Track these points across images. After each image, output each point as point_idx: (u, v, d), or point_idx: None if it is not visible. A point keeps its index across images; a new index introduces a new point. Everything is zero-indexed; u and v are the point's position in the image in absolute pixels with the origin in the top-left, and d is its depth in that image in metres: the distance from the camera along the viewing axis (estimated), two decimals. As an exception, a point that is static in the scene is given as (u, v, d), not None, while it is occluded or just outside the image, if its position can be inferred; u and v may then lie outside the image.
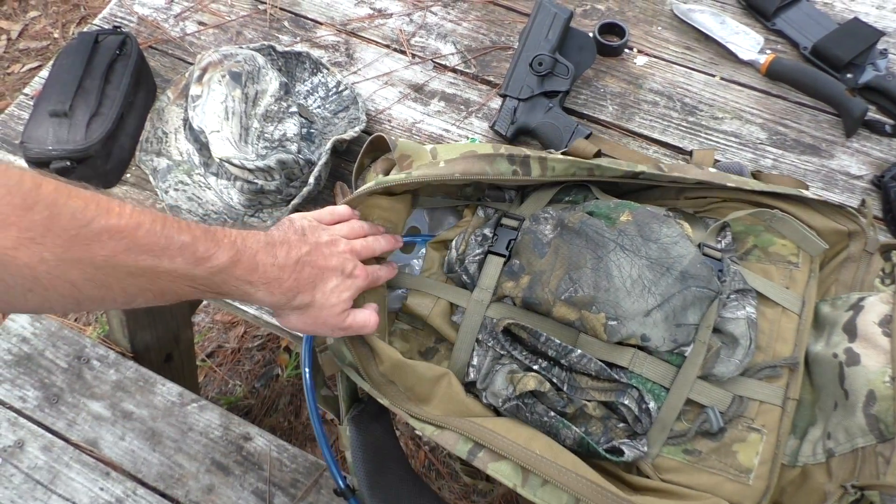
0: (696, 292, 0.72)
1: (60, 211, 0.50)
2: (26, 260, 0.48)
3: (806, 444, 0.74)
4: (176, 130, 1.03)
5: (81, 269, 0.51)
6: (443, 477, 1.50)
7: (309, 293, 0.67)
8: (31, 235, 0.48)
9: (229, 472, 1.03)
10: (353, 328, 0.70)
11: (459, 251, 0.80)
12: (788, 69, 1.08)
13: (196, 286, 0.59)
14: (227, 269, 0.60)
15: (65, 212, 0.50)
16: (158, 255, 0.55)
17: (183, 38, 1.18)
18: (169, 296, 0.58)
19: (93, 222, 0.51)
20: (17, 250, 0.47)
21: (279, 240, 0.66)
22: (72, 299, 0.52)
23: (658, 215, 0.77)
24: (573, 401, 0.72)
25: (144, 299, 0.56)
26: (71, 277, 0.51)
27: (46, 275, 0.49)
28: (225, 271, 0.60)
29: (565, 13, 1.04)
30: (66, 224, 0.50)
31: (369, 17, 1.20)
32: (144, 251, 0.54)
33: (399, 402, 0.72)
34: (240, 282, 0.62)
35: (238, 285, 0.62)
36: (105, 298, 0.54)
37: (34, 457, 1.02)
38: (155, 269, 0.55)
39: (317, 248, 0.68)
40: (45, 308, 0.52)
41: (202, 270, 0.58)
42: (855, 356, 0.73)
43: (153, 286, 0.56)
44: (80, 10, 2.36)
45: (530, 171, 0.77)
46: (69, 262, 0.50)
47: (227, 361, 1.71)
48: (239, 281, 0.61)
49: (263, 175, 0.92)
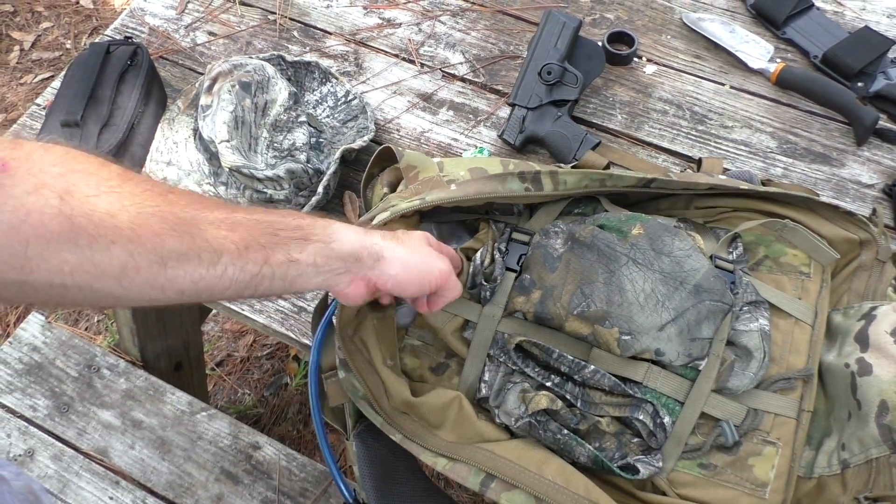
0: (710, 306, 0.72)
1: (129, 172, 0.51)
2: (107, 206, 0.48)
3: (821, 456, 0.73)
4: (186, 140, 1.03)
5: (161, 216, 0.50)
6: (452, 486, 1.50)
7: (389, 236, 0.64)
8: (110, 184, 0.49)
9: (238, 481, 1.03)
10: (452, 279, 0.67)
11: (485, 265, 0.79)
12: (799, 78, 1.08)
13: (276, 231, 0.56)
14: (294, 213, 0.59)
15: (132, 173, 0.52)
16: (230, 207, 0.55)
17: (193, 48, 1.18)
18: (254, 251, 0.54)
19: (161, 183, 0.53)
20: (99, 198, 0.48)
21: None
22: (156, 255, 0.49)
23: (669, 228, 0.76)
24: (586, 417, 0.71)
25: (230, 257, 0.53)
26: (152, 225, 0.49)
27: (128, 223, 0.48)
28: (293, 213, 0.59)
29: (574, 22, 1.04)
30: (138, 180, 0.51)
31: (378, 26, 1.20)
32: (215, 206, 0.54)
33: (411, 433, 0.71)
34: (314, 216, 0.60)
35: (314, 218, 0.59)
36: (189, 253, 0.51)
37: (44, 466, 1.03)
38: (231, 217, 0.54)
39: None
40: (129, 269, 0.49)
41: (274, 215, 0.57)
42: (867, 366, 0.72)
43: (234, 235, 0.53)
44: (92, 21, 2.38)
45: (542, 188, 0.77)
46: (149, 210, 0.50)
47: (236, 370, 1.71)
48: (313, 215, 0.60)
49: (273, 184, 0.92)
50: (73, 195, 0.47)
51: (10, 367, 1.11)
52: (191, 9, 1.23)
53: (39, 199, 0.45)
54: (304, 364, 1.72)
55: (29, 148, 0.47)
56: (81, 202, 0.47)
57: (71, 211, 0.46)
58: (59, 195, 0.46)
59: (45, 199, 0.46)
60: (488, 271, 0.79)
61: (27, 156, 0.47)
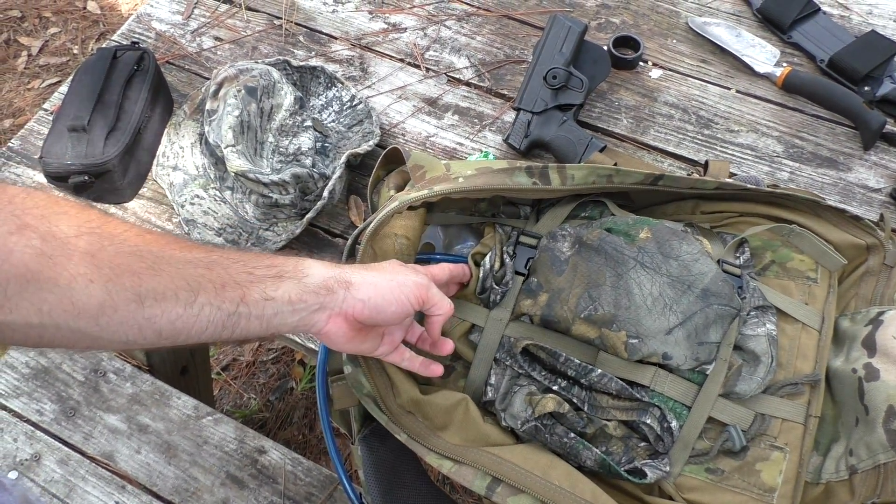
0: (718, 310, 0.72)
1: (110, 217, 0.54)
2: (87, 247, 0.49)
3: (829, 461, 0.73)
4: (192, 145, 1.04)
5: (140, 255, 0.51)
6: (457, 491, 1.49)
7: (359, 267, 0.65)
8: (91, 225, 0.50)
9: (244, 486, 1.03)
10: (433, 292, 0.67)
11: (495, 269, 0.79)
12: (805, 82, 1.07)
13: (251, 270, 0.57)
14: (268, 254, 0.61)
15: (113, 219, 0.54)
16: (206, 248, 0.56)
17: (199, 53, 1.19)
18: (230, 289, 0.55)
19: (139, 226, 0.55)
20: (79, 238, 0.49)
21: None
22: (133, 294, 0.51)
23: (677, 231, 0.76)
24: (593, 421, 0.71)
25: (207, 297, 0.54)
26: (131, 265, 0.51)
27: (108, 262, 0.50)
28: (266, 254, 0.60)
29: (579, 26, 1.04)
30: (117, 223, 0.53)
31: (383, 31, 1.20)
32: (192, 245, 0.56)
33: (416, 434, 0.71)
34: (285, 255, 0.61)
35: (287, 257, 0.60)
36: (167, 292, 0.52)
37: (51, 470, 1.03)
38: (208, 257, 0.55)
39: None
40: (108, 306, 0.50)
41: (248, 256, 0.58)
42: (874, 371, 0.72)
43: (211, 273, 0.54)
44: (99, 27, 2.39)
45: (550, 182, 0.77)
46: (128, 250, 0.51)
47: (241, 374, 1.72)
48: (284, 255, 0.61)
49: (278, 189, 0.93)
50: (54, 236, 0.48)
51: (16, 371, 1.11)
52: (197, 14, 1.24)
53: (21, 240, 0.47)
54: (310, 368, 1.72)
55: (11, 191, 0.49)
56: (62, 243, 0.48)
57: (52, 251, 0.48)
58: (40, 236, 0.47)
59: (27, 240, 0.47)
60: (499, 275, 0.78)
61: (10, 199, 0.48)
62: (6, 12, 2.42)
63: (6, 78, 2.27)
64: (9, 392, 1.09)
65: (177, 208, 0.99)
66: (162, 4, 1.25)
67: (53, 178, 0.99)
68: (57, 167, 0.97)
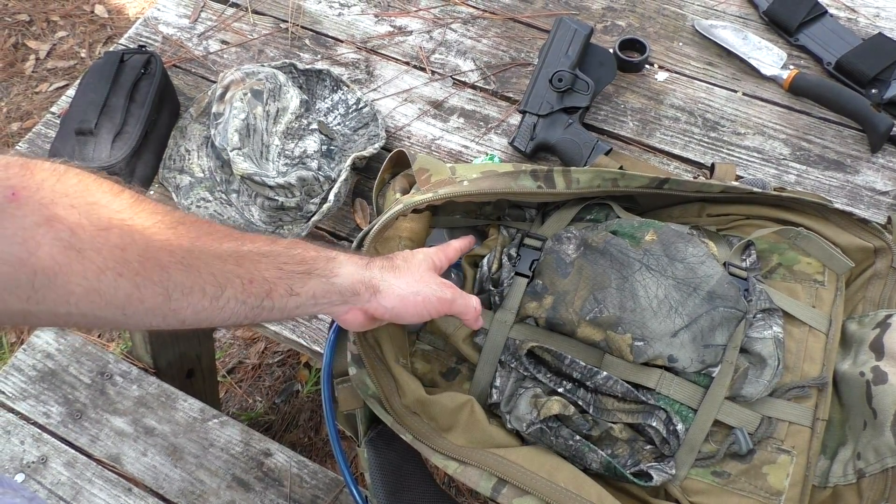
0: (724, 312, 0.71)
1: (143, 201, 0.51)
2: (117, 241, 0.48)
3: (837, 465, 0.73)
4: (198, 148, 1.04)
5: (170, 250, 0.51)
6: (462, 494, 1.49)
7: (381, 258, 0.66)
8: (121, 217, 0.49)
9: (250, 489, 1.03)
10: (456, 288, 0.68)
11: (492, 270, 0.79)
12: (812, 84, 1.07)
13: (280, 265, 0.57)
14: (301, 242, 0.60)
15: (146, 202, 0.52)
16: (238, 238, 0.56)
17: (206, 56, 1.19)
18: (257, 284, 0.55)
19: (172, 212, 0.53)
20: (109, 231, 0.48)
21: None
22: (161, 288, 0.50)
23: (683, 234, 0.76)
24: (598, 423, 0.71)
25: (233, 290, 0.54)
26: (160, 259, 0.50)
27: (137, 256, 0.49)
28: (300, 244, 0.60)
29: (585, 29, 1.04)
30: (150, 209, 0.51)
31: (389, 34, 1.20)
32: (224, 236, 0.55)
33: (422, 435, 0.71)
34: (318, 249, 0.61)
35: (319, 252, 0.61)
36: (194, 286, 0.52)
37: (57, 472, 1.03)
38: (238, 250, 0.55)
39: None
40: (134, 298, 0.49)
41: (281, 247, 0.58)
42: (882, 374, 0.72)
43: (240, 269, 0.54)
44: (106, 30, 2.40)
45: (555, 185, 0.77)
46: (157, 244, 0.50)
47: (247, 377, 1.72)
48: (317, 249, 0.61)
49: (284, 192, 0.93)
50: (84, 228, 0.47)
51: (23, 373, 1.11)
52: (203, 18, 1.24)
53: (49, 232, 0.45)
54: (316, 371, 1.72)
55: (41, 175, 0.47)
56: (92, 236, 0.47)
57: (81, 245, 0.47)
58: (69, 228, 0.46)
59: (56, 233, 0.46)
60: (496, 277, 0.79)
61: (38, 184, 0.46)
62: (14, 16, 2.43)
63: (14, 81, 2.29)
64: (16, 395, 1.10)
65: (183, 211, 1.00)
66: (169, 8, 1.26)
67: (60, 181, 0.99)
68: (64, 170, 0.97)
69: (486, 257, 0.81)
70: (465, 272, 0.82)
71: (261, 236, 0.58)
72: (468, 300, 0.69)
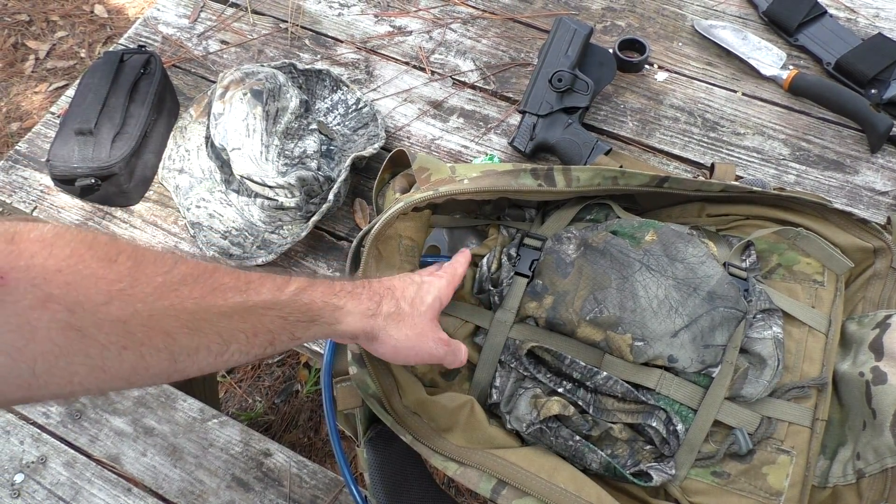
0: (724, 313, 0.72)
1: (142, 260, 0.49)
2: (119, 313, 0.46)
3: (836, 465, 0.73)
4: (198, 148, 1.04)
5: (174, 315, 0.49)
6: (462, 494, 1.49)
7: (391, 300, 0.66)
8: (120, 287, 0.46)
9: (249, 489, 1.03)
10: (452, 343, 0.69)
11: (492, 270, 0.79)
12: (812, 85, 1.07)
13: (285, 315, 0.57)
14: (308, 288, 0.60)
15: (146, 261, 0.49)
16: (244, 290, 0.54)
17: (206, 56, 1.19)
18: (261, 336, 0.56)
19: (174, 269, 0.50)
20: (110, 304, 0.45)
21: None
22: (167, 354, 0.49)
23: (683, 234, 0.76)
24: (598, 423, 0.71)
25: (237, 345, 0.54)
26: (165, 326, 0.48)
27: (140, 327, 0.47)
28: (307, 290, 0.59)
29: (585, 29, 1.03)
30: (150, 271, 0.48)
31: (389, 34, 1.20)
32: (230, 289, 0.53)
33: (421, 436, 0.71)
34: (325, 296, 0.61)
35: (325, 300, 0.60)
36: (199, 347, 0.51)
37: (57, 473, 1.03)
38: (244, 305, 0.54)
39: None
40: (140, 368, 0.48)
41: (287, 295, 0.58)
42: (882, 375, 0.72)
43: (244, 324, 0.54)
44: (106, 30, 2.40)
45: (555, 183, 0.76)
46: (161, 311, 0.48)
47: (247, 377, 1.72)
48: (324, 295, 0.61)
49: (284, 192, 0.93)
50: (82, 306, 0.44)
51: (23, 373, 1.11)
52: (203, 18, 1.24)
53: (45, 314, 0.43)
54: (315, 371, 1.72)
55: (30, 251, 0.43)
56: (92, 313, 0.44)
57: (81, 323, 0.44)
58: (67, 308, 0.43)
59: (52, 314, 0.43)
60: (495, 276, 0.78)
61: (28, 263, 0.43)
62: (14, 16, 2.43)
63: (14, 81, 2.29)
64: (15, 394, 1.10)
65: (182, 211, 1.00)
66: (168, 8, 1.25)
67: (60, 181, 0.99)
68: (63, 170, 0.97)
69: (485, 257, 0.81)
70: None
71: (266, 282, 0.57)
72: (456, 357, 0.71)
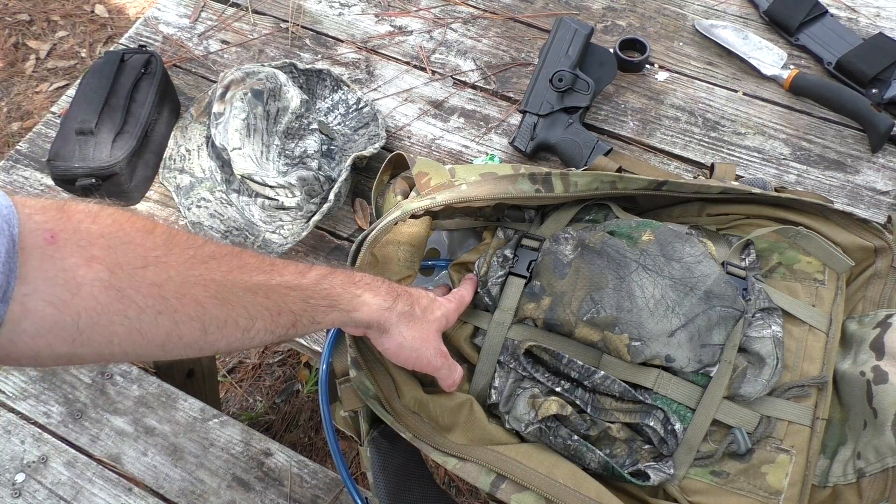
0: (721, 312, 0.71)
1: (175, 235, 0.53)
2: (154, 278, 0.49)
3: (836, 464, 0.73)
4: (199, 148, 1.04)
5: (204, 285, 0.52)
6: (463, 494, 1.49)
7: (406, 301, 0.68)
8: (156, 254, 0.50)
9: (250, 488, 1.03)
10: (449, 359, 0.71)
11: (481, 273, 0.79)
12: (812, 84, 1.07)
13: (307, 298, 0.60)
14: (329, 275, 0.62)
15: (179, 236, 0.53)
16: (267, 271, 0.58)
17: (206, 56, 1.19)
18: (284, 316, 0.58)
19: (204, 246, 0.54)
20: (146, 269, 0.49)
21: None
22: (198, 323, 0.52)
23: (681, 234, 0.76)
24: (596, 423, 0.71)
25: (263, 322, 0.57)
26: (195, 294, 0.52)
27: (174, 293, 0.50)
28: (328, 277, 0.62)
29: (585, 29, 1.03)
30: (183, 244, 0.53)
31: (389, 34, 1.20)
32: (254, 269, 0.57)
33: (422, 434, 0.71)
34: (345, 284, 0.63)
35: (345, 287, 0.63)
36: (228, 319, 0.54)
37: (58, 472, 1.03)
38: (268, 283, 0.57)
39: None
40: (174, 335, 0.52)
41: (309, 280, 0.60)
42: (883, 374, 0.71)
43: (269, 301, 0.57)
44: (107, 30, 2.40)
45: (553, 189, 0.77)
46: (192, 280, 0.52)
47: (248, 377, 1.72)
48: (344, 283, 0.63)
49: (284, 192, 0.93)
50: (122, 268, 0.48)
51: (24, 373, 1.11)
52: (204, 17, 1.24)
53: (89, 272, 0.47)
54: (315, 371, 1.72)
55: (77, 217, 0.48)
56: (130, 275, 0.48)
57: (120, 284, 0.48)
58: (108, 268, 0.47)
59: (96, 273, 0.47)
60: (485, 279, 0.79)
61: (75, 227, 0.47)
62: (15, 16, 2.43)
63: (15, 81, 2.29)
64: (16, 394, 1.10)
65: (183, 211, 1.00)
66: (169, 8, 1.26)
67: (61, 180, 0.99)
68: (64, 170, 0.97)
69: (475, 262, 0.81)
70: (452, 279, 0.82)
71: (289, 267, 0.60)
72: (451, 373, 0.72)
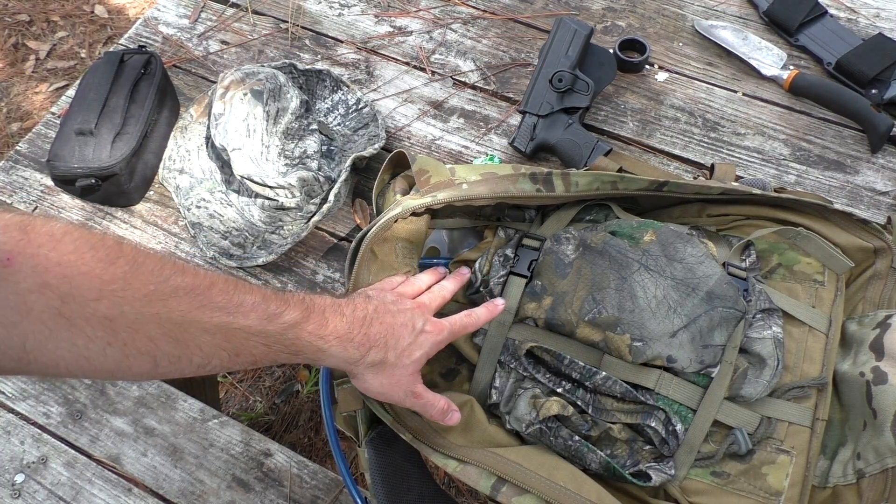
0: (723, 313, 0.71)
1: (140, 266, 0.52)
2: (106, 311, 0.49)
3: (836, 465, 0.73)
4: (198, 148, 1.04)
5: (159, 323, 0.52)
6: (462, 494, 1.49)
7: (381, 350, 0.66)
8: (112, 287, 0.50)
9: (250, 489, 1.03)
10: (424, 398, 0.70)
11: (483, 272, 0.79)
12: (812, 85, 1.07)
13: (269, 345, 0.59)
14: (299, 324, 0.61)
15: (144, 268, 0.52)
16: (232, 312, 0.56)
17: (206, 56, 1.19)
18: (243, 357, 0.58)
19: (169, 279, 0.53)
20: (99, 302, 0.49)
21: (346, 300, 0.67)
22: (149, 357, 0.52)
23: (682, 234, 0.76)
24: (598, 423, 0.71)
25: (219, 360, 0.56)
26: (149, 332, 0.52)
27: (126, 328, 0.50)
28: (296, 327, 0.60)
29: (585, 29, 1.03)
30: (145, 279, 0.52)
31: (389, 34, 1.20)
32: (218, 309, 0.55)
33: (421, 434, 0.71)
34: (312, 337, 0.62)
35: (311, 341, 0.62)
36: (181, 357, 0.54)
37: (57, 473, 1.03)
38: (229, 327, 0.56)
39: (382, 305, 0.68)
40: (123, 366, 0.52)
41: (275, 327, 0.59)
42: (882, 375, 0.72)
43: (228, 344, 0.56)
44: (106, 31, 2.40)
45: (554, 188, 0.77)
46: (147, 317, 0.51)
47: (247, 377, 1.72)
48: (311, 336, 0.62)
49: (284, 192, 0.93)
50: (74, 298, 0.48)
51: (23, 373, 1.11)
52: (204, 18, 1.24)
53: (40, 299, 0.47)
54: (315, 371, 1.72)
55: (38, 241, 0.48)
56: (82, 306, 0.48)
57: (71, 313, 0.48)
58: (60, 297, 0.47)
59: (47, 300, 0.47)
60: (487, 278, 0.79)
61: (34, 251, 0.47)
62: (14, 16, 2.43)
63: (14, 81, 2.29)
64: (16, 395, 1.10)
65: (183, 211, 1.00)
66: (169, 8, 1.26)
67: (61, 181, 0.99)
68: (64, 170, 0.97)
69: (477, 261, 0.81)
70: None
71: (258, 308, 0.58)
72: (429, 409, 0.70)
